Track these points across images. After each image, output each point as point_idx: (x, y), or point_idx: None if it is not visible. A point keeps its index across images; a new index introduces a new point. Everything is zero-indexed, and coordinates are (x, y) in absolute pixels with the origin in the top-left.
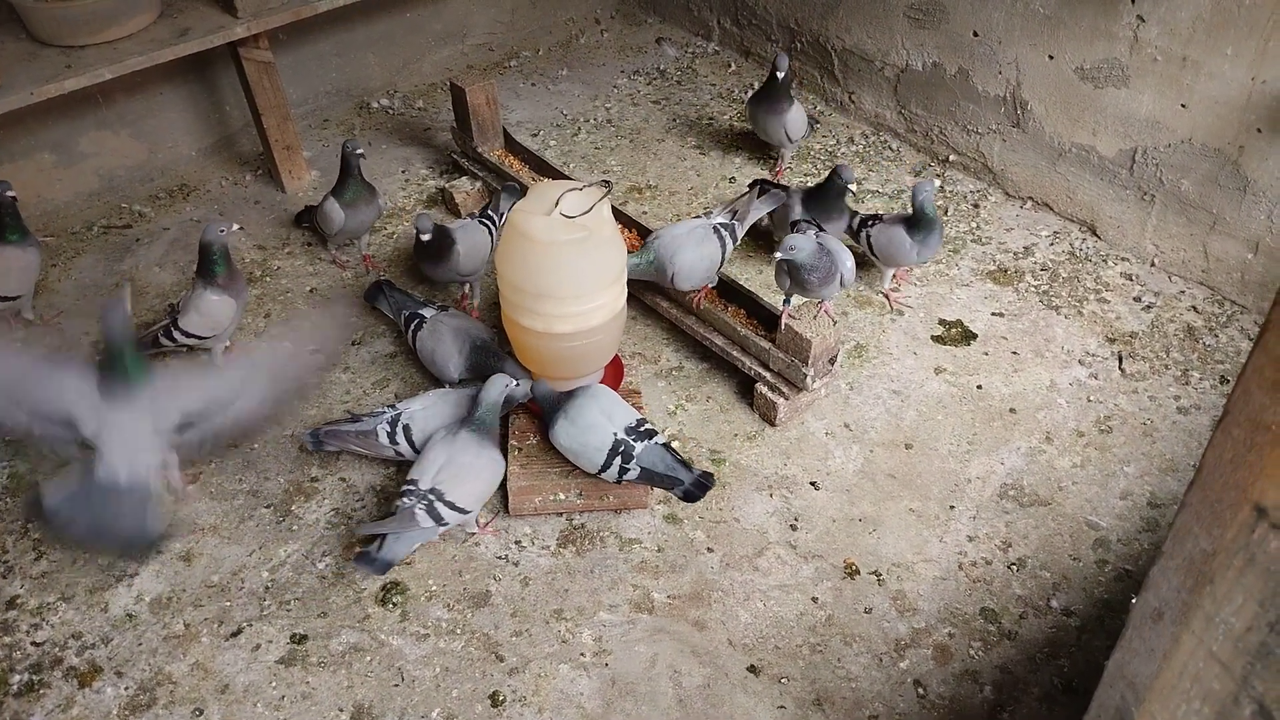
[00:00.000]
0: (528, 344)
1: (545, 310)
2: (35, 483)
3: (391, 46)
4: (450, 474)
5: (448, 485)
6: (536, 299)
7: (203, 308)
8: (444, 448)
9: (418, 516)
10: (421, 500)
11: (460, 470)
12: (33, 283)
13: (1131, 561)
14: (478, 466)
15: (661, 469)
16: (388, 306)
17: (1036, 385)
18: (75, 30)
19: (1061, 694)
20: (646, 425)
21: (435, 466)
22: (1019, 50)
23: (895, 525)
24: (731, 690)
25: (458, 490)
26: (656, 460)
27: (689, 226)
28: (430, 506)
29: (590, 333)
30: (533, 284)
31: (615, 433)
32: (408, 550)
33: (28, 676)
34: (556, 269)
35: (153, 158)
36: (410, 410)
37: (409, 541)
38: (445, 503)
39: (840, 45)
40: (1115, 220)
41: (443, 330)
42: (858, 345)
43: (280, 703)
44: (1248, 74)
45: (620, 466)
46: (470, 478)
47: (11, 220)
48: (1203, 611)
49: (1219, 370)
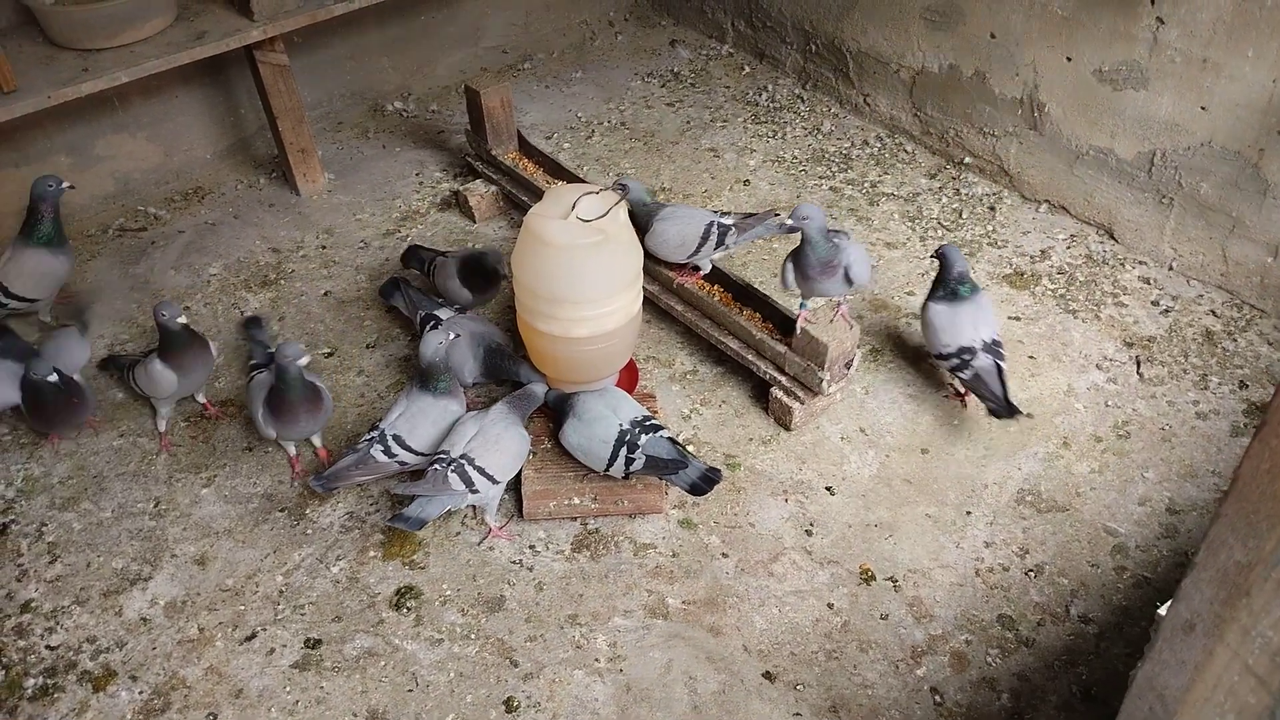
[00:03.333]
0: (544, 348)
1: (561, 314)
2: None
3: (406, 50)
4: (480, 443)
5: (478, 452)
6: (552, 303)
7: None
8: (475, 422)
9: (450, 479)
10: (452, 464)
11: (490, 440)
12: (53, 290)
13: (1150, 568)
14: (505, 439)
15: (667, 455)
16: (404, 304)
17: (1054, 390)
18: (92, 34)
19: (1080, 702)
20: (653, 420)
21: (466, 438)
22: (1036, 52)
23: (911, 531)
24: (747, 697)
25: (488, 458)
26: (662, 449)
27: (693, 210)
28: (461, 470)
29: (606, 337)
30: (549, 288)
31: (621, 424)
32: (438, 512)
33: (42, 680)
34: (572, 273)
35: (168, 161)
36: (391, 420)
37: (439, 504)
38: (476, 468)
39: (855, 47)
40: (1133, 223)
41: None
42: (873, 349)
43: (294, 707)
44: (1269, 76)
45: (626, 457)
46: (499, 449)
47: (48, 223)
48: (1238, 624)
49: (1238, 375)
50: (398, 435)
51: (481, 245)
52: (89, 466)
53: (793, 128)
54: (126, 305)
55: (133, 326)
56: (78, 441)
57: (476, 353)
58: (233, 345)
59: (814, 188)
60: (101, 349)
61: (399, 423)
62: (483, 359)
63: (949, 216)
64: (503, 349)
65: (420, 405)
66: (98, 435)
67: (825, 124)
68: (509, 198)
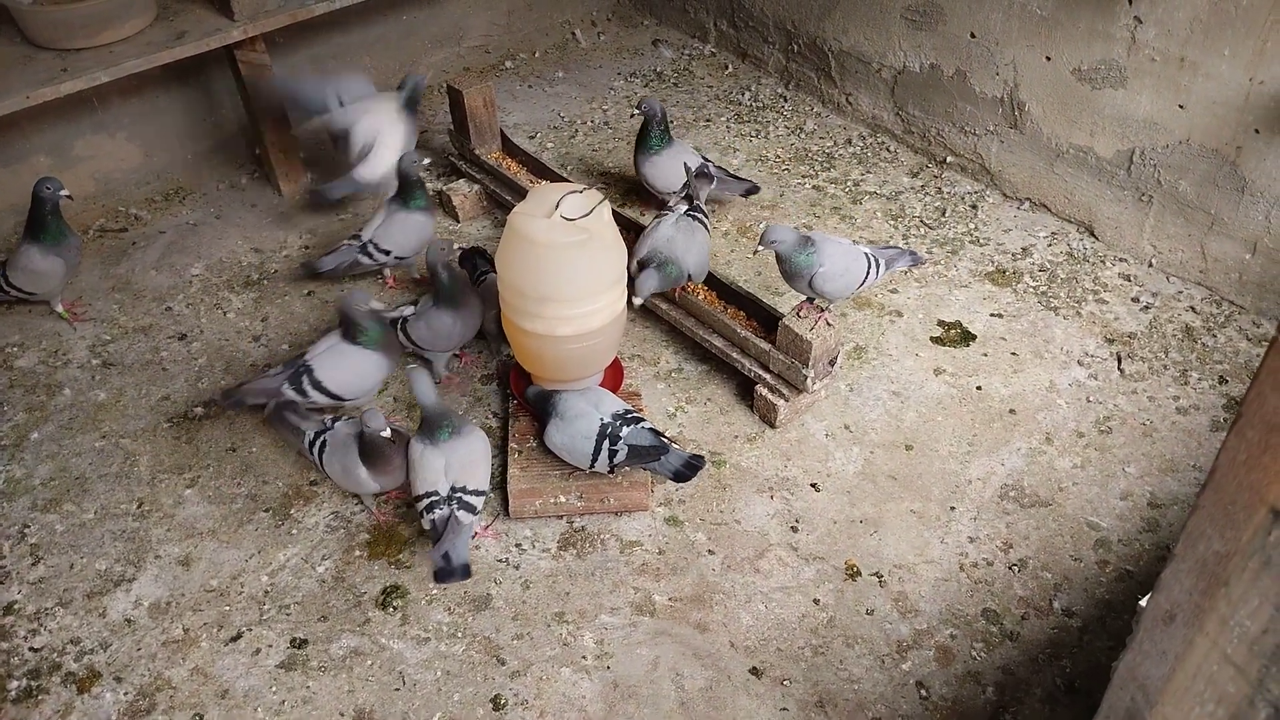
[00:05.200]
0: (528, 347)
1: (546, 313)
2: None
3: (388, 49)
4: (459, 468)
5: (466, 479)
6: (537, 302)
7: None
8: (437, 453)
9: (460, 519)
10: (450, 503)
11: (466, 462)
12: (48, 288)
13: (1132, 562)
14: (467, 448)
15: (649, 442)
16: (471, 269)
17: (1036, 386)
18: (71, 33)
19: (1064, 694)
20: (634, 414)
21: (440, 472)
22: (1016, 51)
23: (896, 526)
24: (734, 692)
25: (474, 478)
26: (644, 439)
27: (669, 224)
28: (464, 505)
29: (591, 335)
30: (533, 287)
31: (602, 418)
32: (467, 545)
33: (26, 682)
34: (557, 271)
35: (149, 161)
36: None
37: (465, 539)
38: (471, 493)
39: (837, 47)
40: (1113, 221)
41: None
42: (857, 347)
43: (281, 707)
44: (1245, 74)
45: (609, 450)
46: (478, 464)
47: (48, 223)
48: (1217, 614)
49: (1218, 370)
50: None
51: (440, 240)
52: (71, 468)
53: (775, 127)
54: (108, 306)
55: (114, 327)
56: (59, 443)
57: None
58: (217, 345)
59: (797, 186)
60: (83, 349)
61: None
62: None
63: (931, 214)
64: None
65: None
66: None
67: (808, 123)
68: (492, 197)
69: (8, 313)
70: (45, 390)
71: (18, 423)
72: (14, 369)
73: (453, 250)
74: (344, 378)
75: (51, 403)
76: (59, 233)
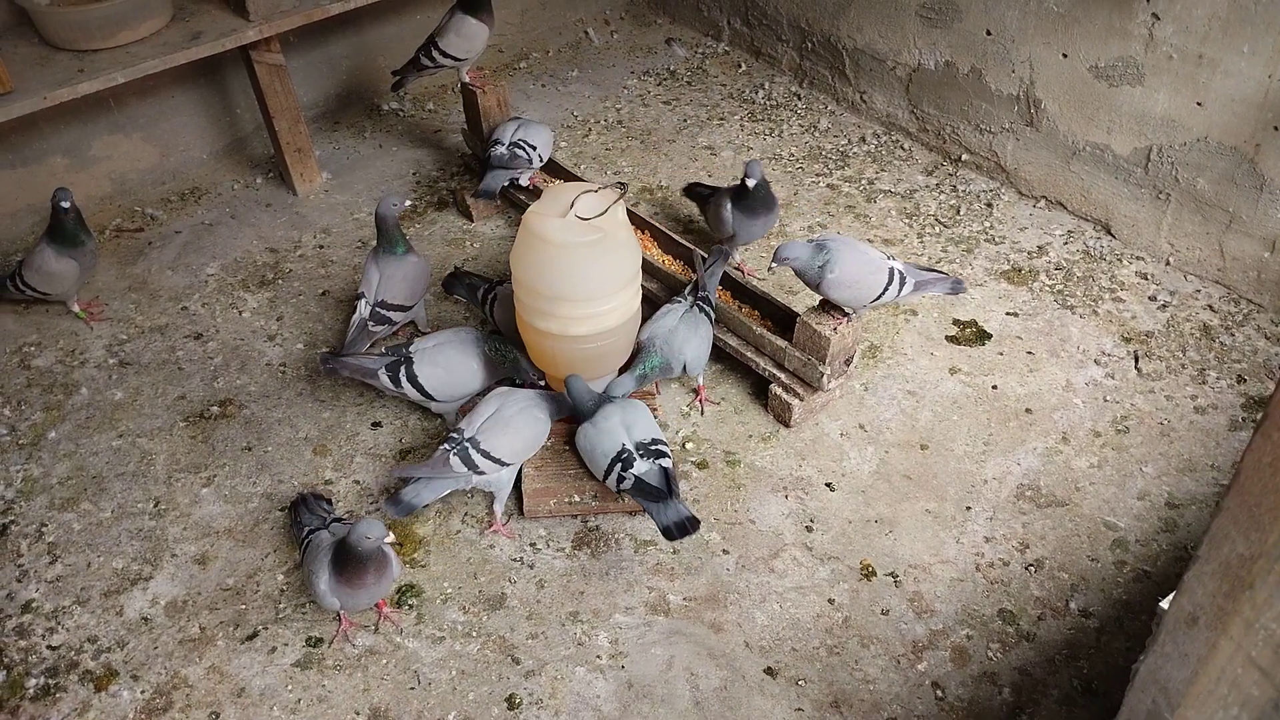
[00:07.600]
0: (543, 346)
1: (560, 312)
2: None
3: (402, 48)
4: (493, 424)
5: (486, 435)
6: (552, 301)
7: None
8: (496, 400)
9: (451, 461)
10: (457, 446)
11: (503, 422)
12: (62, 290)
13: (1150, 562)
14: (519, 422)
15: (654, 484)
16: (464, 291)
17: (1052, 385)
18: (88, 34)
19: (1081, 696)
20: (659, 446)
21: (482, 417)
22: (1033, 48)
23: (911, 526)
24: (749, 692)
25: (495, 440)
26: (653, 478)
27: (675, 316)
28: (464, 453)
29: (605, 334)
30: (548, 286)
31: (625, 443)
32: (434, 497)
33: (44, 680)
34: (572, 271)
35: (165, 161)
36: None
37: (438, 489)
38: (480, 451)
39: (852, 45)
40: (1130, 219)
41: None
42: (872, 346)
43: (297, 706)
44: (1265, 71)
45: (619, 474)
46: (511, 431)
47: (64, 228)
48: (1241, 617)
49: (1236, 369)
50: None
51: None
52: (88, 467)
53: (789, 125)
54: (124, 306)
55: (131, 327)
56: (77, 442)
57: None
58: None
59: (811, 185)
60: (100, 349)
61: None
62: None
63: (946, 213)
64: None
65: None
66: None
67: (822, 121)
68: (506, 196)
69: (25, 312)
70: (63, 389)
71: (35, 422)
72: (31, 368)
73: (404, 206)
74: (441, 378)
75: (69, 402)
76: (75, 236)
